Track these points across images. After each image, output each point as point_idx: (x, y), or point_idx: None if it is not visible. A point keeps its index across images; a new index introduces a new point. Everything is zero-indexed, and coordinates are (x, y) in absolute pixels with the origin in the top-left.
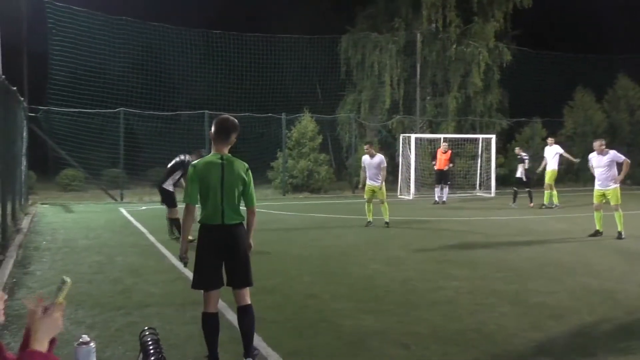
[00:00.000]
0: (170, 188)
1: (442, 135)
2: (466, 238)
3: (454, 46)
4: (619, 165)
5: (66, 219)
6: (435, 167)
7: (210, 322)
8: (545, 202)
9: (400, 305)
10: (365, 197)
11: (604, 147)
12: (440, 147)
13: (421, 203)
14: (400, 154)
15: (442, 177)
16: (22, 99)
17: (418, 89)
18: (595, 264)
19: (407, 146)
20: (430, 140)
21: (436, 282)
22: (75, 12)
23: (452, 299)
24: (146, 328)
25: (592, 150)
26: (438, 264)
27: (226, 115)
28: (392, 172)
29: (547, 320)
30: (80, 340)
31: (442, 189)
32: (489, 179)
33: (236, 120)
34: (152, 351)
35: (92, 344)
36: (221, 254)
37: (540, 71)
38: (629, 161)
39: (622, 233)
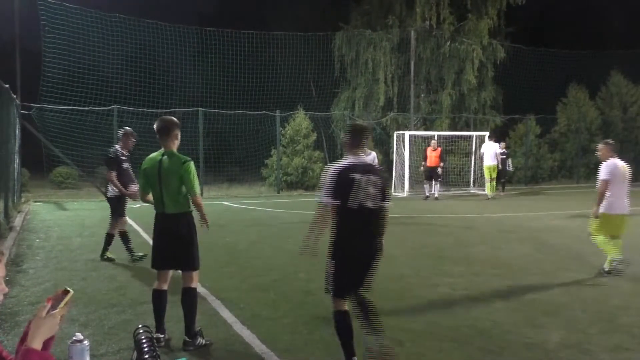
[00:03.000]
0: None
1: (436, 133)
2: (461, 235)
3: (448, 43)
4: None
5: (60, 216)
6: (427, 164)
7: (159, 297)
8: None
9: (395, 302)
10: None
11: None
12: (430, 145)
13: (415, 200)
14: (395, 152)
15: (432, 174)
16: (14, 96)
17: (412, 86)
18: (589, 260)
19: (402, 143)
20: (425, 138)
21: (431, 279)
22: (68, 9)
23: (447, 296)
24: (140, 326)
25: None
26: (433, 261)
27: (167, 116)
28: (386, 170)
29: (541, 316)
30: (74, 338)
31: (432, 185)
32: (482, 176)
33: (175, 119)
34: (146, 349)
35: (85, 342)
36: (165, 239)
37: (534, 68)
38: None
39: None
